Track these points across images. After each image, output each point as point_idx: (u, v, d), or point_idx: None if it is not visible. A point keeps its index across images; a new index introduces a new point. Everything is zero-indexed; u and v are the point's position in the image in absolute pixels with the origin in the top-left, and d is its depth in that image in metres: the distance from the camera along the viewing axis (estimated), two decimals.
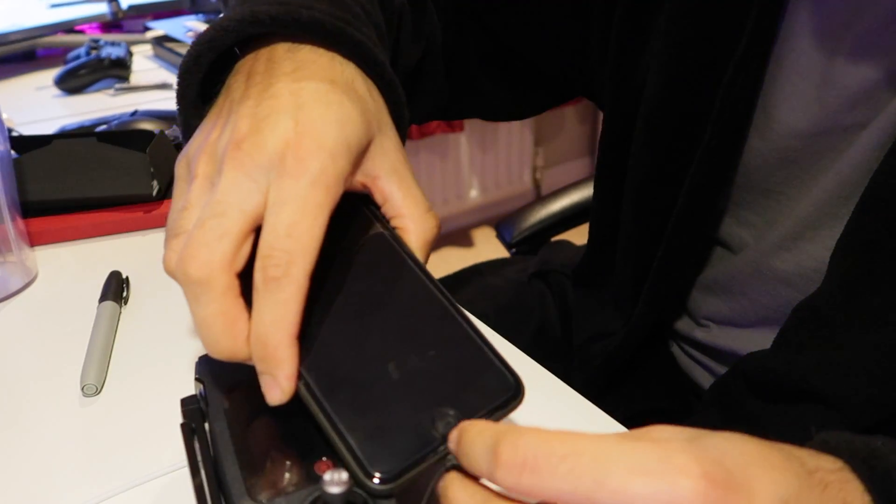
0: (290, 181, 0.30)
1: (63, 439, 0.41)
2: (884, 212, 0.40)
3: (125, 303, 0.55)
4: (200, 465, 0.32)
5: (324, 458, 0.31)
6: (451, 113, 0.67)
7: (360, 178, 0.35)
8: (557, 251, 0.84)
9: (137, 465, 0.39)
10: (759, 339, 0.50)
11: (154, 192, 0.65)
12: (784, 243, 0.49)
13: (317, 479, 0.29)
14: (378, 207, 0.36)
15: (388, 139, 0.36)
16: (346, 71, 0.36)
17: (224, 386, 0.34)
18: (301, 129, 0.31)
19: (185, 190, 0.33)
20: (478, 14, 0.61)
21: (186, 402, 0.35)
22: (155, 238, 0.65)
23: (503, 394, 0.30)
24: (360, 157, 0.34)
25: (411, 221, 0.35)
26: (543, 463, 0.24)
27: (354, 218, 0.36)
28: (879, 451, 0.28)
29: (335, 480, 0.27)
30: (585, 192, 0.96)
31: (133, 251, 0.63)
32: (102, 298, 0.53)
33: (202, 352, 0.49)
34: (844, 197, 0.44)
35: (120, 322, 0.52)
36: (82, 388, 0.44)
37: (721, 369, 0.57)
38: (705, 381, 0.59)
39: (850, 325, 0.42)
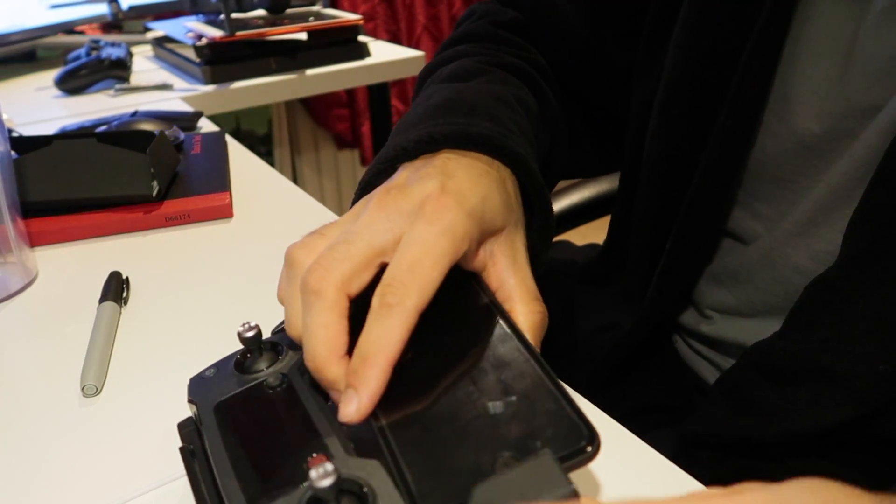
0: (424, 225, 0.34)
1: (63, 439, 0.41)
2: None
3: (125, 303, 0.54)
4: (202, 486, 0.32)
5: (314, 455, 0.31)
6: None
7: (483, 256, 0.38)
8: (559, 251, 0.84)
9: (137, 465, 0.39)
10: (764, 330, 0.50)
11: (154, 193, 0.65)
12: (796, 230, 0.49)
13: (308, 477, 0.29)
14: (490, 289, 0.37)
15: (518, 236, 0.40)
16: (502, 171, 0.40)
17: (215, 403, 0.35)
18: (445, 189, 0.36)
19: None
20: (563, 85, 0.63)
21: (183, 426, 0.36)
22: (155, 238, 0.65)
23: (574, 443, 0.28)
24: (489, 233, 0.38)
25: (520, 304, 0.37)
26: None
27: (467, 289, 0.37)
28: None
29: (321, 474, 0.27)
30: (584, 194, 0.96)
31: (133, 251, 0.63)
32: (102, 299, 0.53)
33: (202, 352, 0.49)
34: (858, 179, 0.44)
35: (120, 322, 0.52)
36: (82, 389, 0.44)
37: (726, 362, 0.57)
38: (709, 375, 0.59)
39: (861, 296, 0.42)
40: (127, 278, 0.56)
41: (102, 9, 1.39)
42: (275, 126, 2.19)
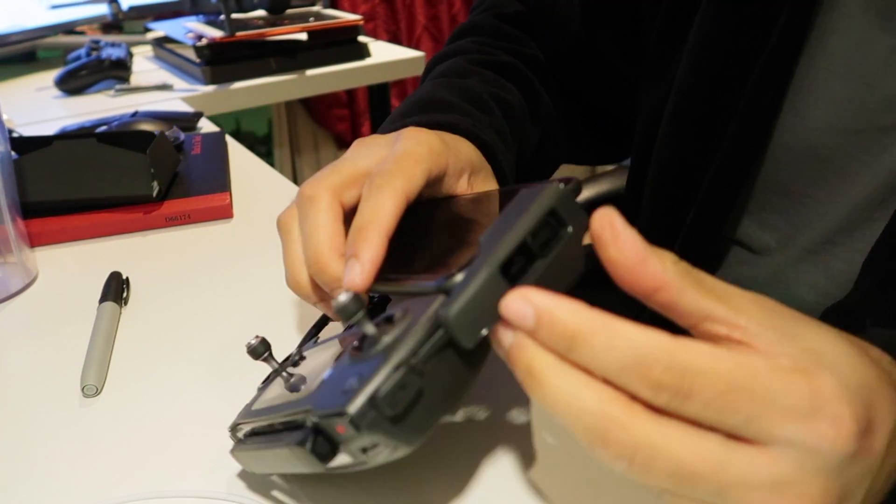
0: (403, 141, 0.38)
1: (63, 440, 0.41)
2: None
3: (125, 303, 0.54)
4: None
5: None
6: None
7: (464, 185, 0.41)
8: None
9: (137, 465, 0.39)
10: None
11: (154, 193, 0.65)
12: (813, 247, 0.48)
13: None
14: None
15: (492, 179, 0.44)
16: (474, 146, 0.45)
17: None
18: (420, 128, 0.40)
19: None
20: (560, 82, 0.65)
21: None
22: (155, 238, 0.65)
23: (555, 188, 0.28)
24: (467, 166, 0.41)
25: None
26: (698, 393, 0.23)
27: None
28: None
29: (339, 299, 0.27)
30: (586, 194, 0.96)
31: (133, 252, 0.63)
32: (102, 299, 0.53)
33: (202, 352, 0.49)
34: (880, 200, 0.44)
35: (120, 323, 0.52)
36: (82, 389, 0.44)
37: None
38: None
39: (879, 326, 0.41)
40: (127, 278, 0.56)
41: (102, 9, 1.39)
42: (275, 126, 2.19)
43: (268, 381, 0.38)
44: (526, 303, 0.25)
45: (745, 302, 0.26)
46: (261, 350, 0.36)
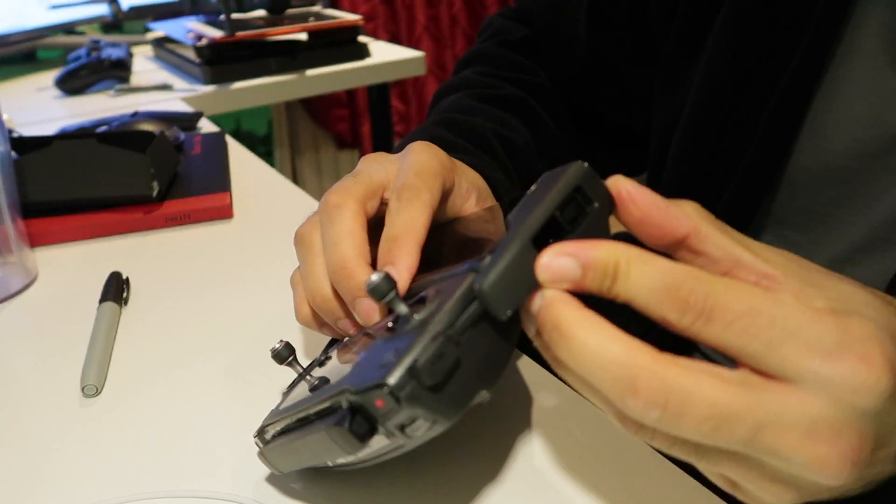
0: (415, 154, 0.39)
1: (63, 440, 0.41)
2: None
3: (125, 303, 0.54)
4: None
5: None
6: None
7: (468, 206, 0.42)
8: None
9: (137, 466, 0.39)
10: None
11: (154, 193, 0.65)
12: (832, 266, 0.48)
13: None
14: None
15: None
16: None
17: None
18: (429, 145, 0.40)
19: None
20: (570, 102, 0.66)
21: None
22: (155, 238, 0.65)
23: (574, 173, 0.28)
24: (472, 187, 0.42)
25: None
26: (720, 314, 0.24)
27: None
28: None
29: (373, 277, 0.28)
30: None
31: (133, 252, 0.63)
32: (102, 299, 0.53)
33: (202, 352, 0.49)
34: None
35: (120, 322, 0.52)
36: (82, 389, 0.44)
37: None
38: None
39: None
40: (127, 278, 0.56)
41: (102, 9, 1.39)
42: (275, 126, 2.19)
43: (293, 385, 0.38)
44: (565, 256, 0.26)
45: (772, 254, 0.26)
46: (285, 354, 0.36)
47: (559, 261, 0.26)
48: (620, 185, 0.27)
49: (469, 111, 0.58)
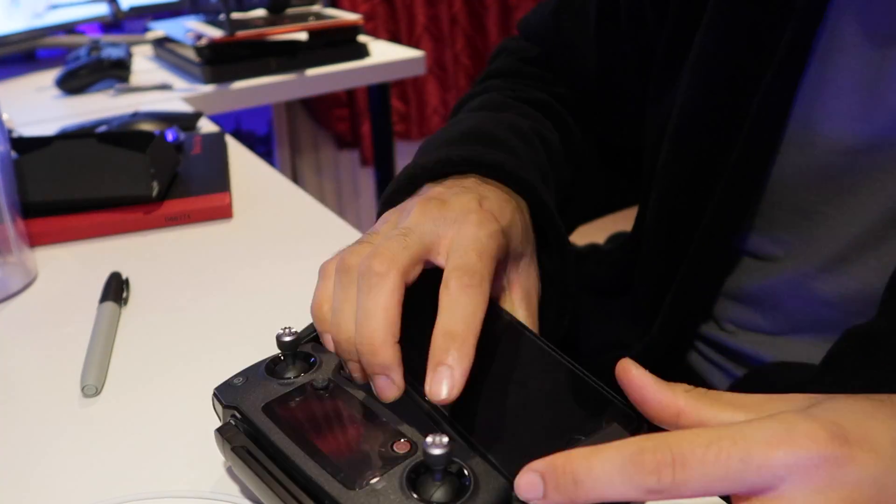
0: (474, 229, 0.37)
1: (63, 440, 0.41)
2: None
3: (125, 303, 0.54)
4: (279, 478, 0.32)
5: (402, 440, 0.32)
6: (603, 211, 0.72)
7: (502, 283, 0.41)
8: None
9: (137, 466, 0.39)
10: (786, 347, 0.49)
11: (154, 193, 0.65)
12: (826, 265, 0.47)
13: (401, 458, 0.31)
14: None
15: (533, 267, 0.43)
16: (518, 200, 0.43)
17: (262, 404, 0.35)
18: (483, 206, 0.39)
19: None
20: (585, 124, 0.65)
21: (225, 431, 0.35)
22: (155, 239, 0.65)
23: (629, 425, 0.32)
24: (512, 258, 0.41)
25: (516, 306, 0.41)
26: (690, 456, 0.26)
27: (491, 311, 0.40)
28: None
29: (437, 443, 0.28)
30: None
31: (133, 252, 0.63)
32: (102, 299, 0.53)
33: (202, 352, 0.49)
34: (894, 220, 0.43)
35: (120, 322, 0.52)
36: (82, 389, 0.44)
37: (739, 370, 0.56)
38: (719, 382, 0.58)
39: None
40: (127, 278, 0.56)
41: (102, 9, 1.39)
42: (275, 126, 2.19)
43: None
44: (531, 473, 0.28)
45: (762, 401, 0.29)
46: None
47: (527, 479, 0.28)
48: (624, 369, 0.30)
49: (503, 107, 0.56)
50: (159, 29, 1.35)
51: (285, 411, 0.35)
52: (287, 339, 0.37)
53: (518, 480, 0.28)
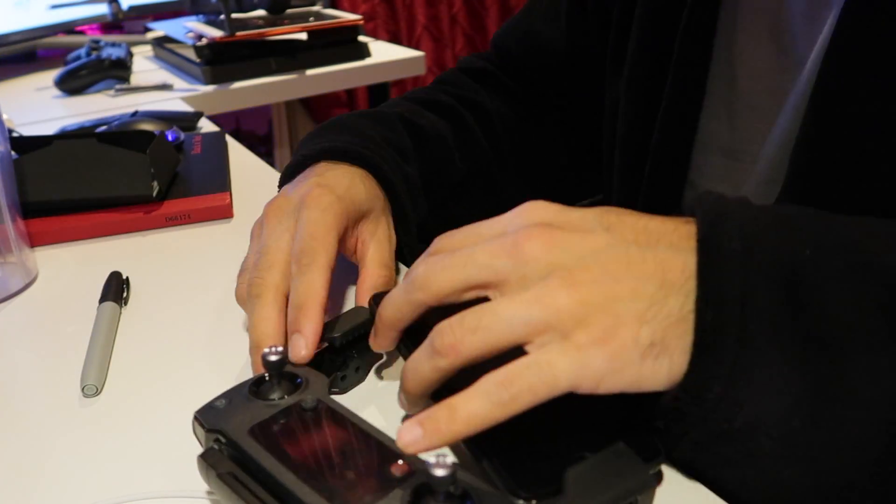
0: (307, 211, 0.44)
1: (63, 440, 0.41)
2: (831, 108, 0.42)
3: (125, 303, 0.54)
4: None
5: (399, 462, 0.31)
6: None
7: (353, 240, 0.48)
8: None
9: (137, 466, 0.39)
10: None
11: (154, 193, 0.65)
12: (757, 200, 0.50)
13: (399, 480, 0.30)
14: None
15: (383, 220, 0.50)
16: (361, 172, 0.50)
17: (247, 427, 0.34)
18: (318, 184, 0.46)
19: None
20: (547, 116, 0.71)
21: (209, 457, 0.34)
22: (155, 239, 0.65)
23: (644, 452, 0.32)
24: (358, 216, 0.48)
25: (368, 268, 0.47)
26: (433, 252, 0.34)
27: None
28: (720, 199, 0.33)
29: (441, 464, 0.28)
30: None
31: (133, 251, 0.63)
32: (102, 299, 0.53)
33: (201, 352, 0.49)
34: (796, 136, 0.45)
35: (120, 323, 0.52)
36: (82, 389, 0.44)
37: None
38: None
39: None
40: (127, 278, 0.56)
41: (102, 9, 1.39)
42: (275, 126, 2.19)
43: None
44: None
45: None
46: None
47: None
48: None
49: (392, 104, 0.63)
50: (159, 29, 1.35)
51: (273, 434, 0.33)
52: (273, 358, 0.36)
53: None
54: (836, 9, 0.42)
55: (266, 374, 0.37)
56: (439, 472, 0.28)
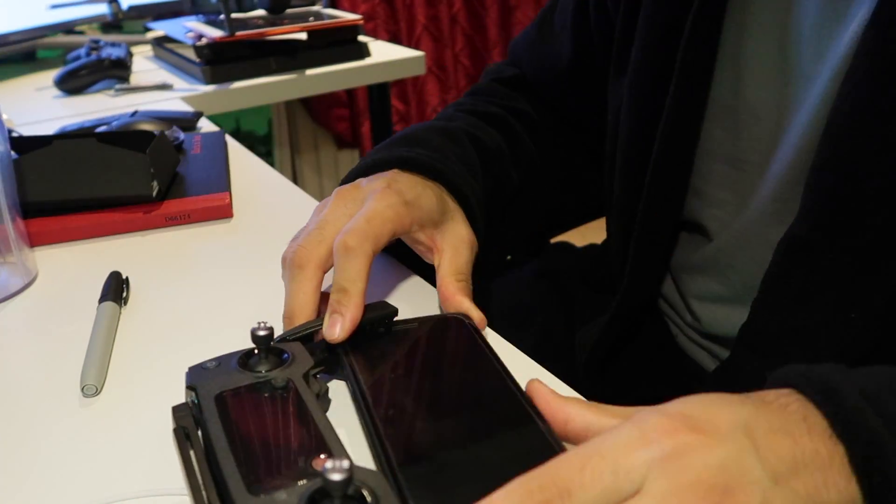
0: (373, 202, 0.47)
1: (62, 440, 0.41)
2: (849, 130, 0.41)
3: (125, 303, 0.54)
4: (196, 468, 0.33)
5: (322, 455, 0.32)
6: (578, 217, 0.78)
7: (428, 242, 0.50)
8: (562, 253, 0.83)
9: (137, 466, 0.39)
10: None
11: (154, 193, 0.65)
12: (768, 208, 0.50)
13: (316, 474, 0.30)
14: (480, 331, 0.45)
15: (459, 230, 0.51)
16: (433, 185, 0.51)
17: (216, 392, 0.36)
18: (389, 187, 0.48)
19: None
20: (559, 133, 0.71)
21: (178, 410, 0.37)
22: (155, 238, 0.65)
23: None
24: (429, 223, 0.49)
25: (443, 275, 0.48)
26: (571, 484, 0.27)
27: (462, 331, 0.44)
28: (824, 374, 0.32)
29: (337, 468, 0.28)
30: None
31: (133, 251, 0.63)
32: (102, 299, 0.53)
33: (201, 353, 0.49)
34: (812, 150, 0.44)
35: (120, 322, 0.52)
36: (82, 389, 0.44)
37: (724, 352, 0.57)
38: (711, 365, 0.59)
39: (829, 248, 0.43)
40: (127, 278, 0.56)
41: (102, 9, 1.39)
42: (275, 126, 2.19)
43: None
44: None
45: (636, 409, 0.31)
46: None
47: None
48: (533, 387, 0.35)
49: (450, 118, 0.63)
50: (159, 29, 1.35)
51: (234, 404, 0.36)
52: (261, 333, 0.38)
53: None
54: (850, 24, 0.42)
55: (255, 348, 0.39)
56: (335, 477, 0.28)
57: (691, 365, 0.62)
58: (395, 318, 0.45)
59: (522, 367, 0.45)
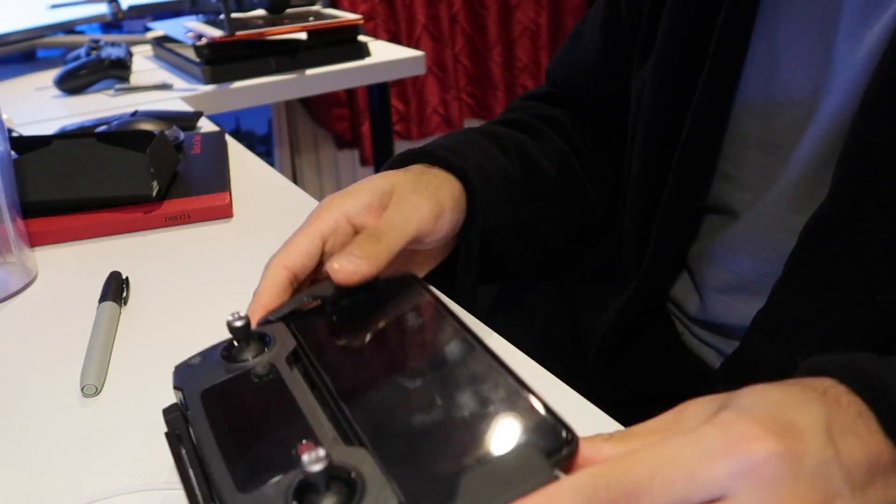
0: (377, 179, 0.46)
1: (62, 440, 0.41)
2: (884, 112, 0.41)
3: (125, 303, 0.54)
4: (189, 469, 0.33)
5: (303, 441, 0.31)
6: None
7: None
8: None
9: (137, 465, 0.39)
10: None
11: (154, 193, 0.65)
12: (790, 191, 0.49)
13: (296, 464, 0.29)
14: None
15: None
16: (448, 175, 0.51)
17: (201, 390, 0.36)
18: (405, 175, 0.48)
19: None
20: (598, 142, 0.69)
21: (168, 412, 0.36)
22: (155, 238, 0.65)
23: (554, 441, 0.29)
24: (445, 213, 0.48)
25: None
26: (640, 489, 0.26)
27: (413, 290, 0.42)
28: (868, 367, 0.31)
29: (313, 459, 0.27)
30: None
31: (133, 251, 0.63)
32: (102, 299, 0.53)
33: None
34: (841, 133, 0.44)
35: (120, 322, 0.52)
36: (82, 389, 0.44)
37: (730, 347, 0.57)
38: (716, 362, 0.59)
39: (858, 227, 0.42)
40: (127, 278, 0.56)
41: (102, 9, 1.39)
42: (275, 126, 2.19)
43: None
44: None
45: (673, 420, 0.30)
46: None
47: None
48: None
49: (461, 132, 0.63)
50: (159, 29, 1.35)
51: (219, 400, 0.35)
52: (238, 324, 0.37)
53: None
54: (889, 8, 0.42)
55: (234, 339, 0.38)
56: (314, 468, 0.27)
57: (696, 363, 0.62)
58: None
59: (522, 367, 0.45)
